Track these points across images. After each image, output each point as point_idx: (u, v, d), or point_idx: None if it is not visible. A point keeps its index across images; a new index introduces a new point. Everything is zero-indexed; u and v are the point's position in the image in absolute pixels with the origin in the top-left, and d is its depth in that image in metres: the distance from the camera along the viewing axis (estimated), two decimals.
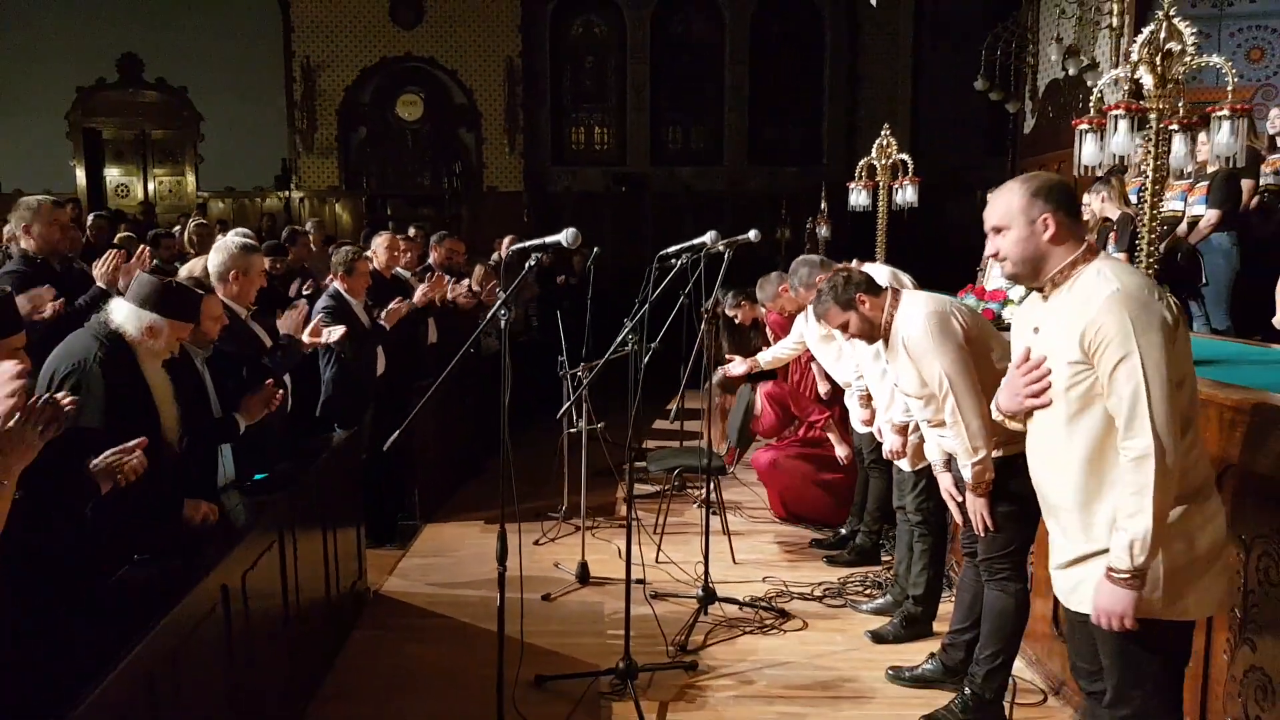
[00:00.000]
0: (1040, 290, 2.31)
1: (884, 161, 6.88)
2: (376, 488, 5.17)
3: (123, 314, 2.90)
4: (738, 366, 5.21)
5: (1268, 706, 2.40)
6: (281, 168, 13.42)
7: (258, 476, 3.41)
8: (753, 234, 4.33)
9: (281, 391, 2.46)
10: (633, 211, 13.43)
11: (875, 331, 3.41)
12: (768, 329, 5.91)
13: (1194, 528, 2.17)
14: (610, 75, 13.95)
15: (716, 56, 13.84)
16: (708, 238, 3.86)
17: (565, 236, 2.74)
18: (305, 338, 4.36)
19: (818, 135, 13.90)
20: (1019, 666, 3.73)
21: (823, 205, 10.89)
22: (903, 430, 3.88)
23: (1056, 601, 2.48)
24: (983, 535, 3.18)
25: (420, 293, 5.76)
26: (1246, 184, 5.85)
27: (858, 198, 6.95)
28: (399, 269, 6.30)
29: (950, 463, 3.31)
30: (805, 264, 4.58)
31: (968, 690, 3.33)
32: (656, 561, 5.01)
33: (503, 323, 2.84)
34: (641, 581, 4.64)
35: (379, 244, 5.94)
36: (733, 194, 13.39)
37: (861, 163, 7.04)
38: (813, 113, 13.93)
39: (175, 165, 13.70)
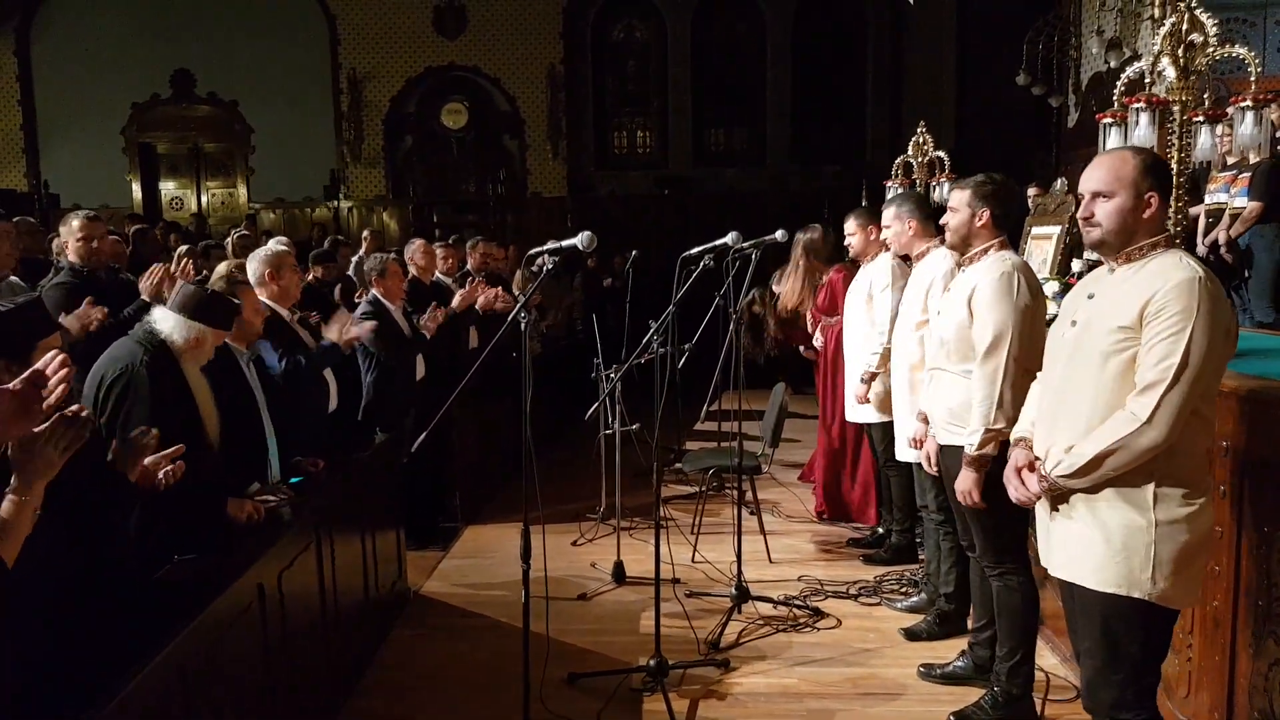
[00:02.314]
0: (1108, 263, 2.33)
1: (921, 159, 6.85)
2: (417, 491, 5.29)
3: (169, 323, 3.03)
4: None
5: None
6: (330, 178, 13.72)
7: (293, 480, 3.52)
8: (780, 234, 4.34)
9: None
10: (676, 214, 13.46)
11: (965, 244, 3.29)
12: (827, 289, 5.85)
13: (1190, 516, 2.20)
14: (652, 79, 14.01)
15: (758, 57, 13.83)
16: (729, 238, 3.88)
17: (580, 240, 2.79)
18: (341, 338, 4.49)
19: (861, 133, 13.80)
20: (1052, 663, 3.71)
21: (864, 203, 10.82)
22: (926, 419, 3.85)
23: None
24: (967, 511, 3.21)
25: (458, 298, 5.87)
26: None
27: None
28: (440, 275, 6.42)
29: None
30: (909, 198, 4.35)
31: (995, 688, 3.32)
32: (693, 561, 5.05)
33: (522, 325, 2.90)
34: (676, 581, 4.70)
35: (412, 251, 6.06)
36: (776, 194, 13.35)
37: (898, 160, 7.02)
38: (856, 111, 13.84)
39: (227, 177, 14.08)
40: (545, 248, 2.90)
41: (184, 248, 7.57)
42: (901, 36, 13.35)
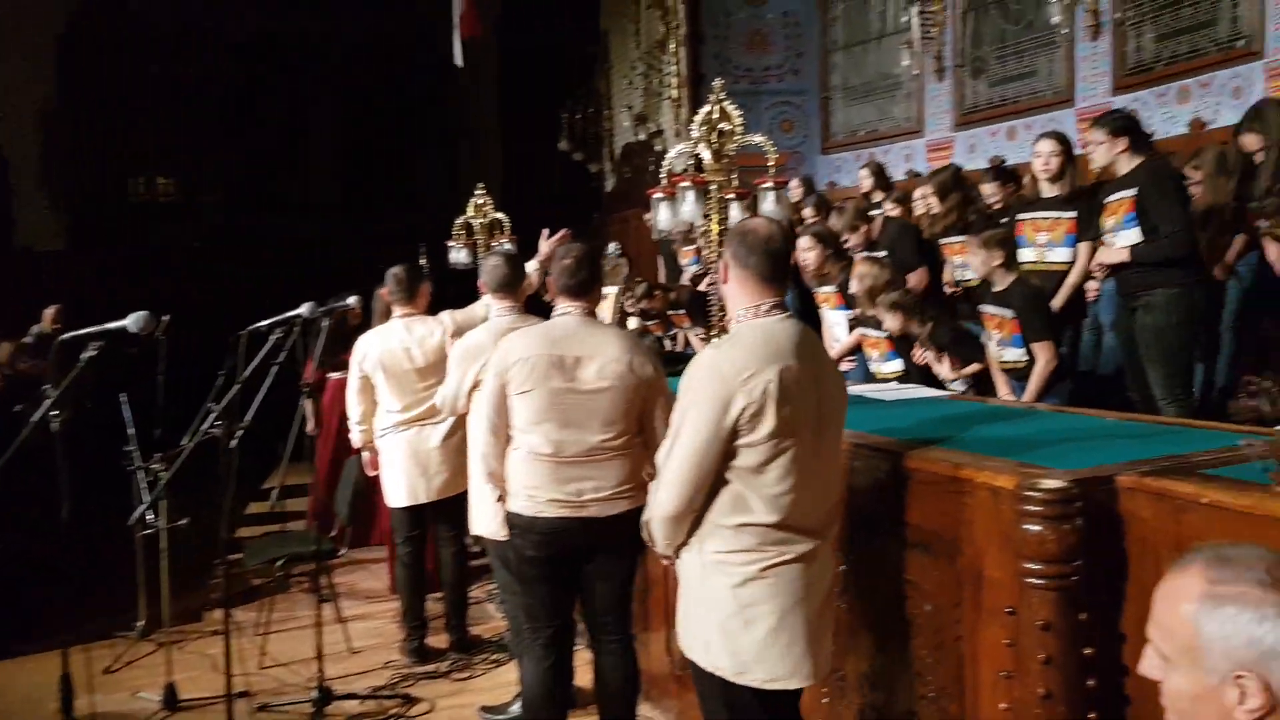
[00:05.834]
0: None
1: (482, 220, 6.95)
2: None
3: None
4: None
5: None
6: None
7: None
8: (352, 300, 4.10)
9: None
10: (214, 269, 12.22)
11: None
12: None
13: (737, 589, 2.15)
14: (184, 123, 12.67)
15: (302, 104, 13.21)
16: (304, 309, 3.55)
17: (131, 322, 2.30)
18: None
19: (416, 190, 13.73)
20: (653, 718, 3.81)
21: (422, 261, 10.72)
22: None
23: None
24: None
25: None
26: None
27: (458, 255, 6.94)
28: None
29: None
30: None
31: None
32: (260, 668, 4.48)
33: (54, 425, 2.32)
34: (244, 694, 4.10)
35: None
36: (331, 249, 12.73)
37: (459, 220, 7.05)
38: (410, 167, 13.76)
39: None
40: (87, 331, 2.34)
41: None
42: (450, 96, 13.58)
